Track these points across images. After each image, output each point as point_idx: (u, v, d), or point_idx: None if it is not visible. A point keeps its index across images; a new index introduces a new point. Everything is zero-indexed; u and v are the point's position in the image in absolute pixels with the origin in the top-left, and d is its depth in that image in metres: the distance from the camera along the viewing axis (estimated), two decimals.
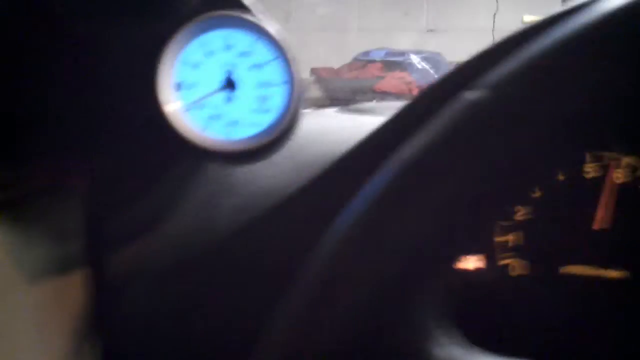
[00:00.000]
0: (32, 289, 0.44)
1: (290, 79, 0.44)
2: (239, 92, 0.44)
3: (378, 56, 3.88)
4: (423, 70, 3.41)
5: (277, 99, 0.44)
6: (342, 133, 0.51)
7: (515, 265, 0.51)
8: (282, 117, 0.44)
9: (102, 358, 0.50)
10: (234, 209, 0.54)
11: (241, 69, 0.44)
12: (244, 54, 0.44)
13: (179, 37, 0.41)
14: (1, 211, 0.43)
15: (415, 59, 3.40)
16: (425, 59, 3.44)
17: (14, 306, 0.43)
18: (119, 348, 0.51)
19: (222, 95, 0.44)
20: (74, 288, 0.49)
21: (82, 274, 0.49)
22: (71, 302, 0.48)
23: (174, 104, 0.42)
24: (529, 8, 4.08)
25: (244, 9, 0.43)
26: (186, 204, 0.54)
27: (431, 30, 4.53)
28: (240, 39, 0.43)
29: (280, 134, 0.44)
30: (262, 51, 0.44)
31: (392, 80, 3.63)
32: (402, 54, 3.79)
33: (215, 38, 0.43)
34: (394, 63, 3.75)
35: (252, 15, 0.43)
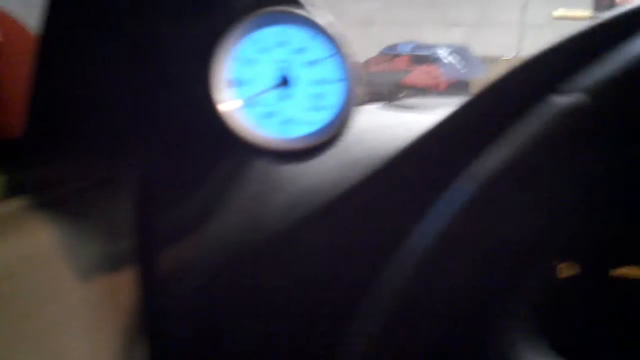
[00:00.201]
0: (84, 287, 0.44)
1: (346, 76, 0.43)
2: (293, 90, 0.43)
3: (405, 49, 3.84)
4: (451, 63, 3.37)
5: (332, 97, 0.43)
6: (389, 131, 0.50)
7: (563, 268, 0.50)
8: (337, 115, 0.43)
9: (152, 356, 0.50)
10: (282, 208, 0.53)
11: (296, 66, 0.43)
12: (298, 51, 0.43)
13: (232, 34, 0.41)
14: (54, 207, 0.43)
15: (442, 52, 3.37)
16: (453, 52, 3.40)
17: (67, 305, 0.43)
18: (168, 346, 0.51)
19: (276, 92, 0.43)
20: (124, 286, 0.48)
21: (132, 271, 0.49)
22: (122, 301, 0.48)
23: (228, 101, 0.42)
24: (556, 2, 4.03)
25: (298, 4, 0.42)
26: (234, 202, 0.53)
27: (457, 24, 4.48)
28: (294, 35, 0.42)
29: (335, 132, 0.43)
30: (317, 48, 0.43)
31: (420, 74, 3.60)
32: (430, 47, 3.75)
33: (269, 34, 0.42)
34: (422, 56, 3.71)
35: (307, 11, 0.42)
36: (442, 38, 4.11)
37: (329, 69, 0.43)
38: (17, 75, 0.72)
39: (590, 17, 3.03)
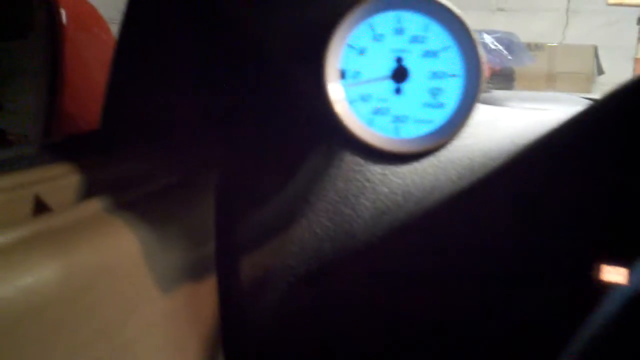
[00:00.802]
0: (165, 298, 0.40)
1: (469, 69, 0.37)
2: (409, 83, 0.38)
3: None
4: (496, 50, 3.27)
5: (451, 92, 0.38)
6: (482, 129, 0.45)
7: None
8: (457, 113, 0.38)
9: None
10: (372, 211, 0.48)
11: (412, 57, 0.38)
12: (416, 39, 0.37)
13: (347, 20, 0.35)
14: (133, 210, 0.38)
15: (488, 38, 3.26)
16: (498, 39, 3.30)
17: (147, 319, 0.39)
18: (249, 356, 0.47)
19: (390, 86, 0.38)
20: (205, 296, 0.44)
21: (213, 279, 0.45)
22: (202, 312, 0.44)
23: (339, 94, 0.37)
24: None
25: None
26: (320, 203, 0.48)
27: (501, 9, 4.37)
28: (413, 21, 0.37)
29: (451, 135, 0.37)
30: (437, 36, 0.37)
31: None
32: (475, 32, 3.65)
33: (386, 20, 0.37)
34: None
35: None
36: (486, 23, 4.00)
37: (450, 61, 0.38)
38: (85, 60, 0.68)
39: None
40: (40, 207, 0.35)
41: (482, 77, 0.36)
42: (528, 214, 0.45)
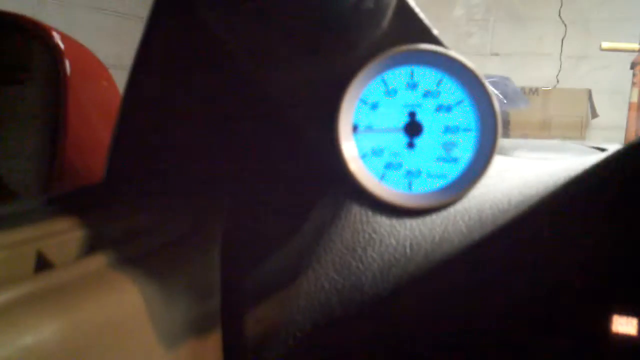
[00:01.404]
0: (169, 353, 0.39)
1: (483, 123, 0.37)
2: (422, 138, 0.37)
3: None
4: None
5: (465, 147, 0.37)
6: (492, 178, 0.44)
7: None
8: (471, 168, 0.37)
9: None
10: (381, 264, 0.47)
11: (426, 111, 0.37)
12: (429, 94, 0.37)
13: (360, 76, 0.35)
14: (138, 264, 0.37)
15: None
16: (494, 83, 3.34)
17: None
18: None
19: (403, 140, 0.37)
20: (210, 351, 0.43)
21: (218, 334, 0.43)
22: None
23: (352, 148, 0.36)
24: (597, 33, 3.96)
25: (433, 41, 0.37)
26: (327, 256, 0.47)
27: (496, 54, 4.42)
28: (426, 76, 0.37)
29: (465, 190, 0.37)
30: (450, 90, 0.37)
31: None
32: None
33: (399, 75, 0.37)
34: None
35: (443, 48, 0.36)
36: (481, 68, 4.04)
37: (462, 115, 0.37)
38: (88, 110, 0.68)
39: (639, 50, 2.95)
40: (43, 264, 0.34)
41: (497, 132, 0.36)
42: (538, 267, 0.45)
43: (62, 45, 0.63)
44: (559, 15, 4.13)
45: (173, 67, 0.39)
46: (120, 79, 0.78)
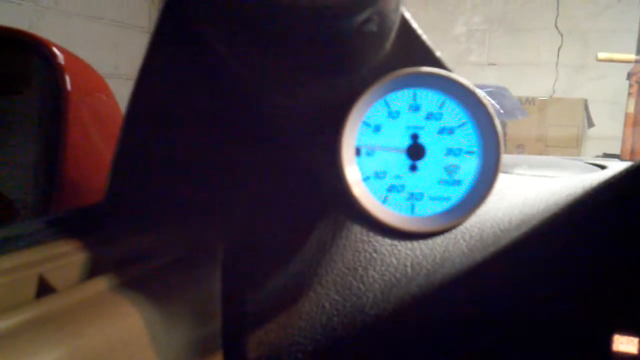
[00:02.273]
0: None
1: (486, 146, 0.37)
2: (425, 160, 0.37)
3: None
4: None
5: (468, 169, 0.37)
6: (493, 196, 0.44)
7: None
8: (473, 191, 0.37)
9: None
10: (382, 284, 0.47)
11: (428, 133, 0.37)
12: (432, 116, 0.37)
13: (363, 98, 0.35)
14: (138, 287, 0.37)
15: (480, 93, 3.31)
16: (490, 93, 3.34)
17: None
18: None
19: (405, 163, 0.37)
20: None
21: (219, 357, 0.43)
22: None
23: (354, 170, 0.36)
24: (593, 43, 3.98)
25: (436, 63, 0.37)
26: (329, 276, 0.47)
27: (492, 64, 4.44)
28: (429, 98, 0.37)
29: (467, 213, 0.37)
30: (453, 113, 0.37)
31: None
32: None
33: (402, 97, 0.37)
34: None
35: (446, 71, 0.36)
36: (478, 78, 4.06)
37: (465, 138, 0.37)
38: (88, 126, 0.68)
39: (635, 60, 2.97)
40: (44, 288, 0.34)
41: (500, 154, 0.36)
42: (539, 286, 0.45)
43: (62, 61, 0.63)
44: (555, 25, 4.15)
45: (175, 88, 0.39)
46: (118, 88, 0.78)
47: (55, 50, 0.64)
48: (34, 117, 0.75)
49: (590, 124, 3.84)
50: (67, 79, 0.62)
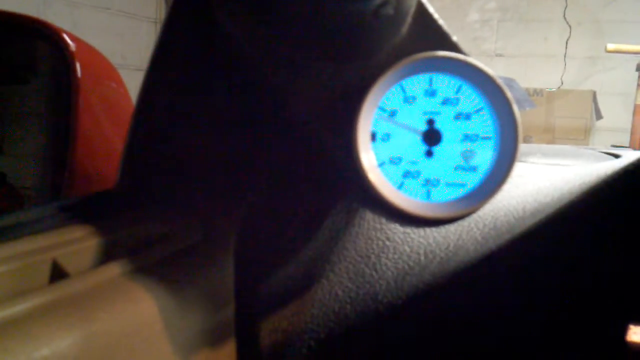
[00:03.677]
0: None
1: (503, 131, 0.36)
2: (441, 146, 0.37)
3: None
4: None
5: (485, 155, 0.37)
6: (507, 185, 0.44)
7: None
8: (490, 177, 0.37)
9: None
10: (395, 272, 0.47)
11: (444, 119, 0.37)
12: (448, 101, 0.37)
13: (379, 83, 0.34)
14: (152, 273, 0.37)
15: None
16: None
17: None
18: None
19: (421, 148, 0.36)
20: None
21: (232, 344, 0.43)
22: None
23: (370, 156, 0.36)
24: (602, 35, 3.94)
25: (452, 48, 0.36)
26: (341, 264, 0.47)
27: (500, 55, 4.41)
28: (445, 83, 0.36)
29: (483, 200, 0.36)
30: (470, 98, 0.36)
31: None
32: None
33: (417, 82, 0.36)
34: None
35: (463, 55, 0.36)
36: None
37: (482, 123, 0.37)
38: (98, 113, 0.67)
39: None
40: (58, 273, 0.33)
41: (517, 140, 0.35)
42: (553, 276, 0.44)
43: (73, 48, 0.63)
44: (564, 16, 4.12)
45: (189, 73, 0.38)
46: (126, 78, 0.78)
47: (65, 36, 0.64)
48: (43, 106, 0.75)
49: (599, 116, 3.82)
50: (78, 66, 0.62)
